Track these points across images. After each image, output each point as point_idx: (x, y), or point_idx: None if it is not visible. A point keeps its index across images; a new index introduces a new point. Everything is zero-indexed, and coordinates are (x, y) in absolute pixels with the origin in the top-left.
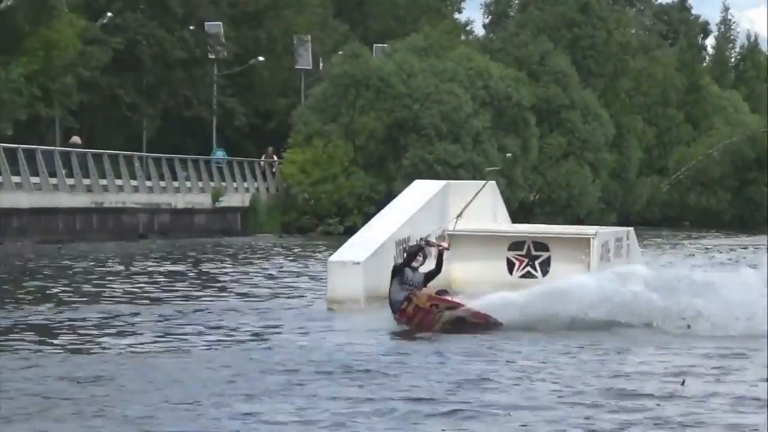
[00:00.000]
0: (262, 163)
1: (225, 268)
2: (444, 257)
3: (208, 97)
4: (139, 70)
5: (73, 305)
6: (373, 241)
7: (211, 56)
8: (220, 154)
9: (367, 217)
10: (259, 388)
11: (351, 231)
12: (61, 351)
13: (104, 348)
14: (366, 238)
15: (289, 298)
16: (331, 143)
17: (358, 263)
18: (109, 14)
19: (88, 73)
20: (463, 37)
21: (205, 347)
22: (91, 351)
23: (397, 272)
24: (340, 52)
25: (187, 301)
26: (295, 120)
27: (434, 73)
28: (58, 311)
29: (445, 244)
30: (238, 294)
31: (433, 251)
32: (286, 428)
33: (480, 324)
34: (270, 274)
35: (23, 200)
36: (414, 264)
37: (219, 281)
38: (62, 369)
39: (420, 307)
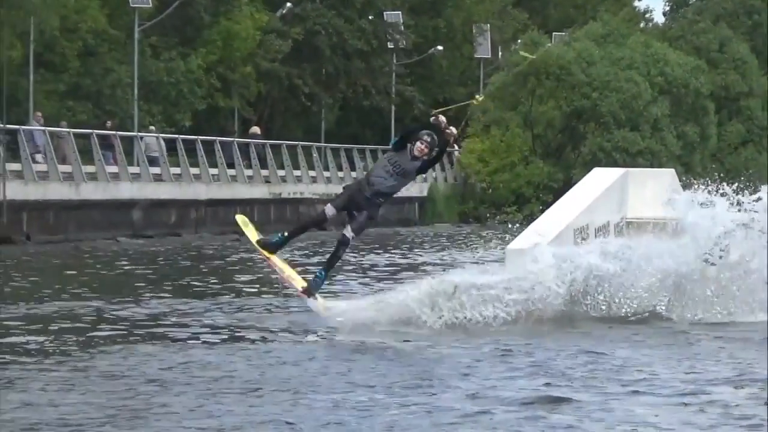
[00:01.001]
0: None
1: (405, 256)
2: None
3: (387, 86)
4: (318, 60)
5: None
6: (551, 229)
7: (390, 46)
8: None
9: (545, 206)
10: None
11: (529, 220)
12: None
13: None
14: (544, 226)
15: None
16: (509, 132)
17: None
18: (288, 4)
19: (268, 63)
20: (642, 25)
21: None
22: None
23: (397, 147)
24: (520, 41)
25: (372, 289)
26: (474, 109)
27: (612, 61)
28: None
29: (454, 131)
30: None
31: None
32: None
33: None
34: (453, 261)
35: (201, 192)
36: (416, 153)
37: (403, 269)
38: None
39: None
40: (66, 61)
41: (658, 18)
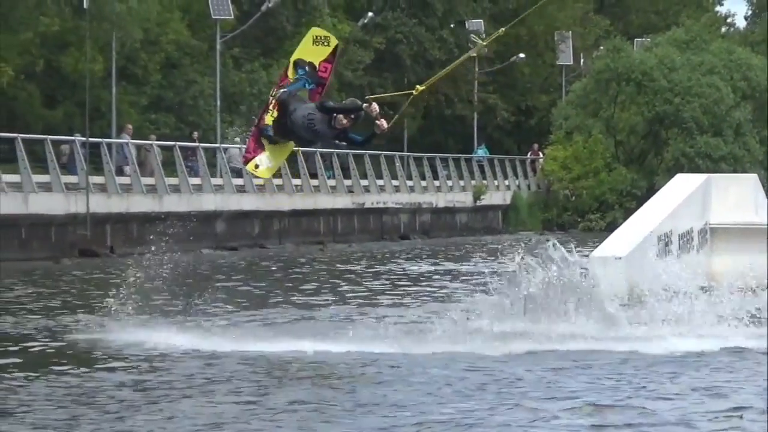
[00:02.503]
0: (528, 160)
1: (489, 264)
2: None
3: (469, 94)
4: (400, 69)
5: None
6: (635, 236)
7: (472, 54)
8: (480, 152)
9: (628, 213)
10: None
11: (612, 227)
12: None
13: None
14: (628, 233)
15: None
16: (592, 138)
17: (620, 258)
18: (369, 14)
19: (350, 72)
20: (723, 30)
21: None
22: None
23: (323, 109)
24: (602, 47)
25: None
26: (556, 116)
27: (692, 66)
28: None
29: (384, 124)
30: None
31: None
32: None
33: None
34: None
35: (284, 202)
36: (336, 124)
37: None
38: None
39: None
40: (148, 73)
41: (740, 22)
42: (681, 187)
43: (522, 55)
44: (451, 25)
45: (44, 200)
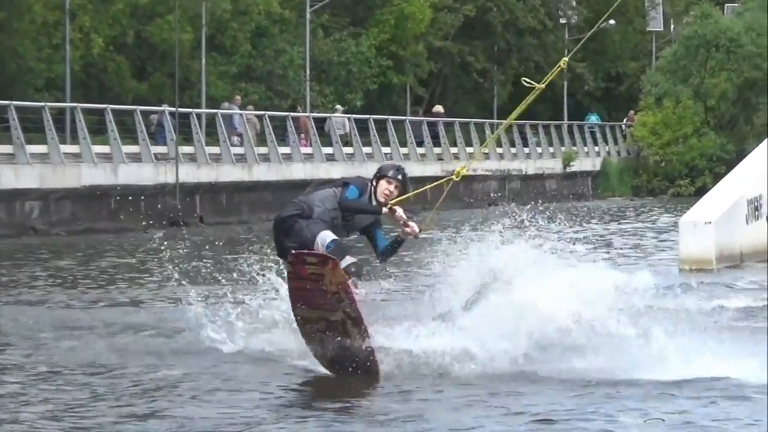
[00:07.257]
0: (623, 126)
1: (578, 229)
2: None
3: (559, 61)
4: (490, 36)
5: None
6: (725, 200)
7: (562, 21)
8: (594, 118)
9: (717, 178)
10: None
11: (701, 192)
12: None
13: None
14: (717, 198)
15: (640, 258)
16: (681, 104)
17: (710, 223)
18: None
19: (439, 41)
20: None
21: None
22: None
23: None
24: (692, 13)
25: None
26: (646, 82)
27: None
28: None
29: (415, 228)
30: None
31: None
32: None
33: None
34: (621, 236)
35: (373, 170)
36: (380, 197)
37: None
38: None
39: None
40: (237, 43)
41: None
42: None
43: (612, 22)
44: None
45: (134, 171)
